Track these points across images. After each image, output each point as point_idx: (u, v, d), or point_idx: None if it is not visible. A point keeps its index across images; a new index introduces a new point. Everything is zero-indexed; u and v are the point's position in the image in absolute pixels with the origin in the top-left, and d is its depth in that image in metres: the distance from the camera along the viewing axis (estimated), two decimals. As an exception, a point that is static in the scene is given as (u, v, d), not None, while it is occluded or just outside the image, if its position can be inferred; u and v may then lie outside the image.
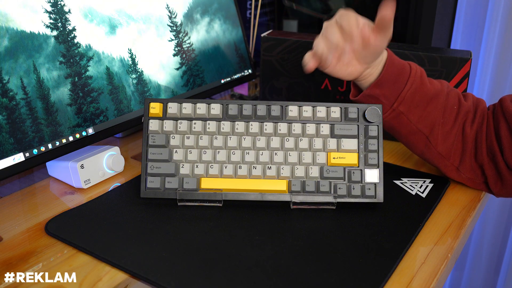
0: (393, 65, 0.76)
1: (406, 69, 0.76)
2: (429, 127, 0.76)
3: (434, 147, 0.77)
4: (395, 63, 0.76)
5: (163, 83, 0.90)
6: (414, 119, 0.76)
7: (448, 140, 0.77)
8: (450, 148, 0.77)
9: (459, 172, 0.78)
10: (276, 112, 0.74)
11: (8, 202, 0.75)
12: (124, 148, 0.94)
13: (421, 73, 0.77)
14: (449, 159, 0.77)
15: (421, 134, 0.77)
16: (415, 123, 0.76)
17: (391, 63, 0.76)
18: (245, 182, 0.72)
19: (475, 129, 0.77)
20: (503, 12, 1.35)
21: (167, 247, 0.63)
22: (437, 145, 0.77)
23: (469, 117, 0.77)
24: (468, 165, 0.77)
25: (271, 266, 0.60)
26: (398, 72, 0.76)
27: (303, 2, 1.38)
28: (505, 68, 1.40)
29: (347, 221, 0.70)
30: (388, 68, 0.75)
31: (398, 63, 0.77)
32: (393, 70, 0.76)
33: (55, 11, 0.75)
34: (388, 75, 0.75)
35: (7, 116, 0.68)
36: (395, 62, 0.76)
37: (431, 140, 0.77)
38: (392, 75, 0.76)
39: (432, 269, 0.62)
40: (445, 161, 0.78)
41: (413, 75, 0.76)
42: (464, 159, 0.77)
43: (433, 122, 0.76)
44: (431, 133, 0.76)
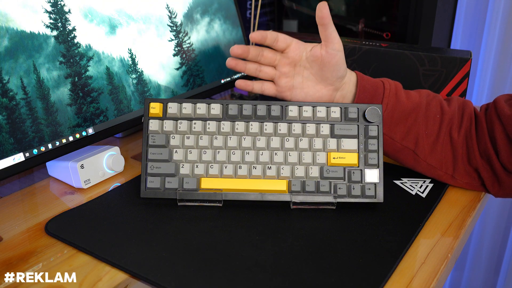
0: (364, 89, 0.78)
1: (379, 89, 0.78)
2: (414, 141, 0.77)
3: (423, 160, 0.77)
4: (367, 86, 0.78)
5: (163, 83, 0.90)
6: (397, 138, 0.77)
7: (436, 150, 0.76)
8: (439, 158, 0.76)
9: (455, 179, 0.78)
10: (276, 112, 0.74)
11: (8, 202, 0.75)
12: (124, 148, 0.94)
13: (396, 89, 0.78)
14: (441, 168, 0.77)
15: (407, 150, 0.77)
16: (399, 141, 0.77)
17: (362, 88, 0.78)
18: (245, 182, 0.72)
19: (463, 134, 0.76)
20: (503, 12, 1.35)
21: (167, 247, 0.63)
22: (426, 158, 0.77)
23: (454, 123, 0.76)
24: (463, 171, 0.77)
25: (271, 266, 0.60)
26: (371, 94, 0.77)
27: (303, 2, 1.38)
28: (505, 68, 1.40)
29: (347, 221, 0.70)
30: (360, 94, 0.78)
31: (370, 85, 0.78)
32: (366, 94, 0.78)
33: (55, 11, 0.75)
34: (361, 100, 0.78)
35: (7, 116, 0.68)
36: (366, 85, 0.78)
37: (419, 153, 0.77)
38: (365, 99, 0.78)
39: (432, 269, 0.62)
40: (437, 172, 0.77)
41: (387, 94, 0.77)
42: (457, 166, 0.77)
43: (417, 136, 0.76)
44: (417, 147, 0.76)
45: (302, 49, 0.79)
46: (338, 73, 0.77)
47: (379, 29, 1.22)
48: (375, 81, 0.79)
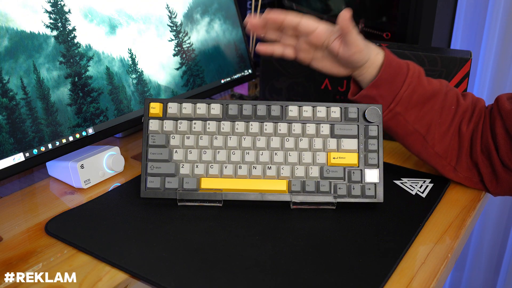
0: (390, 66, 0.76)
1: (403, 70, 0.76)
2: (426, 127, 0.77)
3: (431, 147, 0.77)
4: (392, 63, 0.76)
5: (163, 83, 0.90)
6: (411, 120, 0.76)
7: (445, 139, 0.77)
8: (447, 147, 0.77)
9: (456, 171, 0.78)
10: (276, 112, 0.74)
11: (8, 202, 0.75)
12: (124, 148, 0.94)
13: (419, 73, 0.77)
14: (446, 158, 0.77)
15: (418, 134, 0.77)
16: (412, 124, 0.76)
17: (388, 64, 0.76)
18: (245, 182, 0.72)
19: (471, 128, 0.77)
20: (503, 12, 1.35)
21: (167, 247, 0.63)
22: (434, 145, 0.77)
23: (466, 117, 0.77)
24: (465, 164, 0.78)
25: (271, 266, 0.60)
26: (395, 72, 0.76)
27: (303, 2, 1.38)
28: (505, 68, 1.40)
29: (347, 221, 0.70)
30: (386, 69, 0.76)
31: (395, 63, 0.77)
32: (390, 71, 0.76)
33: (55, 11, 0.75)
34: (385, 75, 0.76)
35: (7, 116, 0.68)
36: (392, 62, 0.76)
37: (428, 140, 0.77)
38: (389, 75, 0.76)
39: (432, 269, 0.62)
40: (442, 161, 0.78)
41: (410, 75, 0.76)
42: (461, 158, 0.77)
43: (430, 122, 0.76)
44: (428, 133, 0.77)
45: (326, 36, 0.75)
46: (355, 65, 0.76)
47: (379, 29, 1.22)
48: (401, 61, 0.78)
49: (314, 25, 0.75)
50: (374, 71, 0.77)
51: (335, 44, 0.75)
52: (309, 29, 0.74)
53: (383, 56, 0.77)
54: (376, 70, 0.77)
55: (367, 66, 0.77)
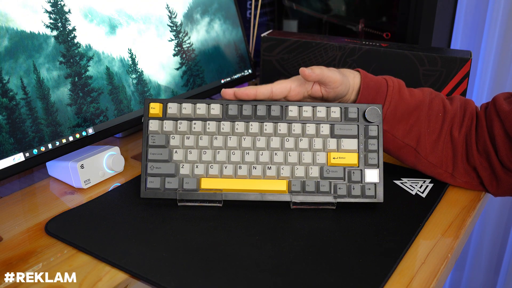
0: (368, 87, 0.77)
1: (382, 88, 0.77)
2: (415, 139, 0.77)
3: (424, 158, 0.77)
4: (370, 84, 0.78)
5: (163, 83, 0.90)
6: (398, 135, 0.77)
7: (437, 148, 0.77)
8: (440, 156, 0.77)
9: (454, 178, 0.78)
10: (276, 112, 0.74)
11: (8, 202, 0.75)
12: (124, 148, 0.94)
13: (399, 86, 0.78)
14: (442, 167, 0.77)
15: (408, 147, 0.77)
16: (401, 138, 0.77)
17: (366, 86, 0.77)
18: (245, 182, 0.72)
19: (464, 132, 0.76)
20: (503, 12, 1.35)
21: (167, 247, 0.63)
22: (427, 156, 0.77)
23: (456, 122, 0.77)
24: (462, 169, 0.77)
25: (271, 266, 0.60)
26: (374, 92, 0.77)
27: (303, 2, 1.38)
28: (505, 68, 1.40)
29: (347, 221, 0.70)
30: (364, 91, 0.77)
31: (373, 83, 0.78)
32: (369, 92, 0.77)
33: (55, 11, 0.75)
34: (365, 98, 0.77)
35: (7, 116, 0.68)
36: (370, 83, 0.78)
37: (420, 151, 0.77)
38: (368, 97, 0.77)
39: (432, 269, 0.62)
40: (438, 170, 0.78)
41: (390, 92, 0.77)
42: (457, 164, 0.77)
43: (419, 134, 0.77)
44: (418, 144, 0.77)
45: (302, 92, 0.76)
46: (342, 95, 0.77)
47: (379, 29, 1.22)
48: (378, 79, 0.79)
49: (286, 88, 0.74)
50: (354, 95, 0.79)
51: (316, 89, 0.76)
52: (283, 94, 0.75)
53: (359, 79, 0.78)
54: (355, 93, 0.79)
55: (351, 87, 0.78)
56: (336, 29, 1.33)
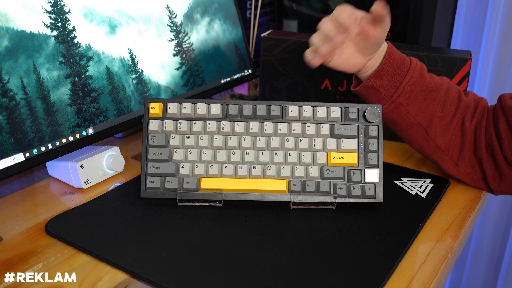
0: (393, 57, 0.77)
1: (406, 62, 0.78)
2: (428, 119, 0.77)
3: (433, 140, 0.77)
4: (395, 55, 0.78)
5: (163, 83, 0.90)
6: (413, 112, 0.77)
7: (447, 133, 0.77)
8: (449, 141, 0.77)
9: (457, 167, 0.78)
10: (276, 112, 0.74)
11: (8, 202, 0.75)
12: (124, 148, 0.94)
13: (422, 67, 0.78)
14: (448, 153, 0.78)
15: (419, 127, 0.77)
16: (414, 116, 0.77)
17: (391, 55, 0.77)
18: (245, 182, 0.72)
19: (475, 124, 0.78)
20: (503, 12, 1.35)
21: (167, 247, 0.63)
22: (436, 139, 0.77)
23: (468, 112, 0.78)
24: (467, 160, 0.78)
25: (271, 266, 0.60)
26: (397, 64, 0.77)
27: (303, 2, 1.38)
28: (505, 68, 1.40)
29: (347, 221, 0.70)
30: (388, 60, 0.77)
31: (398, 56, 0.78)
32: (393, 62, 0.77)
33: (55, 11, 0.75)
34: (388, 66, 0.77)
35: (7, 116, 0.68)
36: (395, 54, 0.78)
37: (430, 133, 0.77)
38: (391, 66, 0.77)
39: (432, 269, 0.62)
40: (443, 155, 0.78)
41: (412, 68, 0.77)
42: (463, 153, 0.78)
43: (432, 115, 0.77)
44: (430, 125, 0.77)
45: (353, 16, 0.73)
46: (379, 47, 0.76)
47: (379, 29, 1.22)
48: (403, 55, 0.79)
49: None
50: (377, 62, 0.78)
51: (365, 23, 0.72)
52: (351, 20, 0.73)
53: (386, 48, 0.78)
54: (379, 61, 0.78)
55: (377, 54, 0.77)
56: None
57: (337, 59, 0.77)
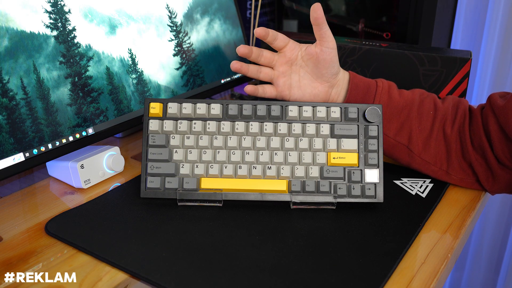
0: (357, 87, 0.80)
1: (372, 87, 0.80)
2: (407, 137, 0.78)
3: (417, 155, 0.78)
4: (359, 84, 0.80)
5: (163, 83, 0.90)
6: (390, 134, 0.79)
7: (430, 145, 0.77)
8: (433, 153, 0.78)
9: (449, 175, 0.78)
10: (276, 112, 0.74)
11: (8, 202, 0.75)
12: (124, 148, 0.94)
13: (389, 87, 0.80)
14: (436, 164, 0.78)
15: (401, 145, 0.78)
16: (393, 137, 0.79)
17: (355, 85, 0.80)
18: (245, 182, 0.72)
19: (457, 129, 0.77)
20: (503, 12, 1.35)
21: (167, 247, 0.63)
22: (420, 153, 0.78)
23: (448, 119, 0.78)
24: (457, 166, 0.78)
25: (271, 266, 0.60)
26: (363, 92, 0.80)
27: (303, 2, 1.38)
28: (505, 68, 1.40)
29: (347, 221, 0.70)
30: (352, 90, 0.80)
31: (362, 83, 0.81)
32: (358, 91, 0.80)
33: (55, 11, 0.75)
34: (354, 96, 0.80)
35: (7, 116, 0.68)
36: (359, 83, 0.81)
37: (413, 149, 0.78)
38: (358, 95, 0.80)
39: (432, 269, 0.62)
40: (432, 167, 0.78)
41: (379, 92, 0.79)
42: (451, 161, 0.77)
43: (410, 132, 0.78)
44: (410, 142, 0.78)
45: (298, 48, 0.82)
46: (332, 69, 0.79)
47: (379, 29, 1.22)
48: (368, 80, 0.82)
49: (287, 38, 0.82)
50: (343, 93, 0.82)
51: (311, 47, 0.80)
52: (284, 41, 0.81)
53: (348, 79, 0.82)
54: (344, 92, 0.82)
55: (340, 79, 0.81)
56: (336, 29, 1.33)
57: (297, 92, 0.82)
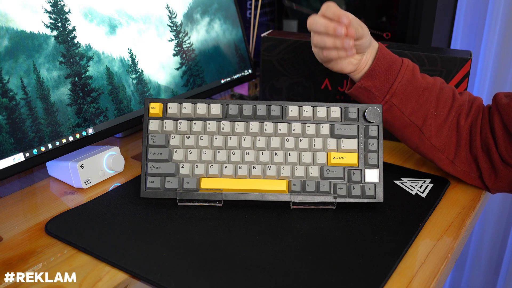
0: (384, 58, 0.78)
1: (397, 62, 0.79)
2: (422, 119, 0.78)
3: (428, 139, 0.78)
4: (386, 56, 0.79)
5: (163, 83, 0.90)
6: (406, 112, 0.78)
7: (442, 132, 0.78)
8: (444, 140, 0.78)
9: (454, 165, 0.78)
10: (276, 112, 0.74)
11: (8, 202, 0.75)
12: (124, 148, 0.94)
13: (414, 67, 0.79)
14: (444, 152, 0.78)
15: (414, 126, 0.78)
16: (408, 115, 0.78)
17: (381, 56, 0.78)
18: (245, 182, 0.72)
19: (470, 122, 0.78)
20: (503, 12, 1.35)
21: (167, 247, 0.63)
22: (431, 138, 0.78)
23: (463, 111, 0.78)
24: (463, 158, 0.78)
25: (271, 266, 0.60)
26: (389, 64, 0.78)
27: (303, 2, 1.38)
28: (505, 68, 1.40)
29: (347, 221, 0.70)
30: (379, 61, 0.78)
31: (389, 56, 0.79)
32: (384, 63, 0.78)
33: (55, 11, 0.75)
34: (379, 67, 0.78)
35: (7, 116, 0.68)
36: (386, 55, 0.79)
37: (425, 132, 0.78)
38: (382, 67, 0.78)
39: (432, 269, 0.62)
40: (439, 154, 0.78)
41: (404, 68, 0.78)
42: (459, 152, 0.78)
43: (426, 114, 0.77)
44: (424, 125, 0.78)
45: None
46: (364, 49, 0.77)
47: (379, 29, 1.22)
48: (395, 55, 0.80)
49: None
50: (369, 63, 0.79)
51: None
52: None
53: (377, 49, 0.79)
54: (370, 62, 0.79)
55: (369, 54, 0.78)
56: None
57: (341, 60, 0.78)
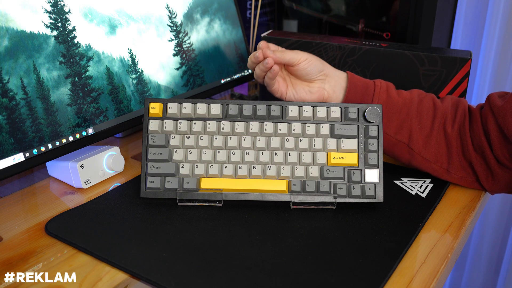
0: (355, 86, 0.81)
1: (370, 87, 0.81)
2: (407, 135, 0.78)
3: (418, 153, 0.78)
4: (357, 83, 0.81)
5: (163, 83, 0.90)
6: (391, 132, 0.79)
7: (430, 144, 0.78)
8: (434, 151, 0.78)
9: (449, 173, 0.78)
10: (276, 112, 0.74)
11: (8, 202, 0.75)
12: (124, 148, 0.94)
13: (387, 87, 0.81)
14: (437, 162, 0.78)
15: (401, 144, 0.79)
16: (393, 135, 0.79)
17: (353, 85, 0.81)
18: (245, 182, 0.72)
19: (457, 128, 0.78)
20: (503, 12, 1.35)
21: (167, 247, 0.63)
22: (421, 151, 0.78)
23: (448, 118, 0.78)
24: (458, 164, 0.78)
25: (271, 266, 0.60)
26: (362, 91, 0.81)
27: (303, 2, 1.38)
28: (505, 68, 1.40)
29: (347, 221, 0.70)
30: (351, 90, 0.81)
31: (361, 83, 0.81)
32: (356, 90, 0.81)
33: (55, 11, 0.75)
34: (352, 95, 0.81)
35: (7, 116, 0.68)
36: (357, 82, 0.81)
37: (413, 147, 0.78)
38: (356, 95, 0.81)
39: (432, 269, 0.62)
40: (433, 166, 0.78)
41: (377, 91, 0.80)
42: (452, 159, 0.78)
43: (410, 130, 0.78)
44: (411, 140, 0.78)
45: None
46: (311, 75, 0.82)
47: (379, 29, 1.22)
48: (366, 80, 0.83)
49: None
50: (341, 95, 0.83)
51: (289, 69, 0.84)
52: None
53: (345, 78, 0.83)
54: (343, 92, 0.82)
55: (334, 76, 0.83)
56: (336, 29, 1.33)
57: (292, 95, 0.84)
